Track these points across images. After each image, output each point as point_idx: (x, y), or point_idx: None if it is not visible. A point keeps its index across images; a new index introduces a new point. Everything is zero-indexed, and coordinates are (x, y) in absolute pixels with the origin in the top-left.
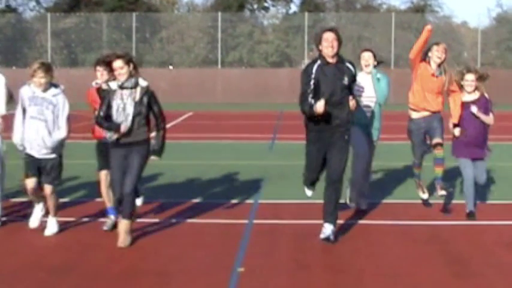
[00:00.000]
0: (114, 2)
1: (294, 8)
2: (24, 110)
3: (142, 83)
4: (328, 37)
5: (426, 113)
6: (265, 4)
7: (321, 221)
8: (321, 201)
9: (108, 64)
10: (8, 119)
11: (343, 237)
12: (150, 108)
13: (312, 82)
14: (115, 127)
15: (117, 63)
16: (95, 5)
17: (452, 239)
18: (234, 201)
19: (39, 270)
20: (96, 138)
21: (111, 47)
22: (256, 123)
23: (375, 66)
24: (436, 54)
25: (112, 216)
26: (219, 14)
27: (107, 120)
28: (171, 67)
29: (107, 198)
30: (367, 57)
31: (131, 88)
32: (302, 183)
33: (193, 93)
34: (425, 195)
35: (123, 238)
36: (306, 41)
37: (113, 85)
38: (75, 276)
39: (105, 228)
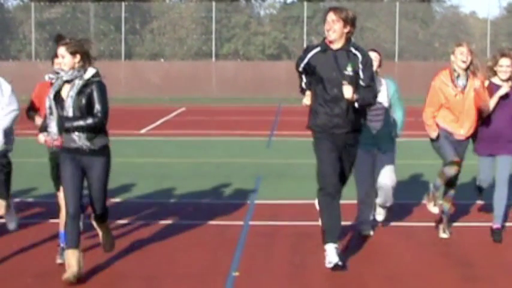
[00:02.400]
0: None
1: None
2: None
3: (88, 74)
4: (328, 18)
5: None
6: None
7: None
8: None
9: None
10: None
11: (344, 239)
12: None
13: (301, 67)
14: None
15: (59, 50)
16: None
17: (459, 240)
18: (229, 201)
19: (25, 276)
20: (48, 147)
21: (98, 39)
22: (252, 119)
23: None
24: (460, 57)
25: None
26: (213, 3)
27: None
28: (162, 60)
29: (63, 223)
30: (373, 58)
31: (70, 81)
32: (322, 241)
33: (186, 88)
34: (436, 209)
35: (108, 243)
36: (305, 33)
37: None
38: (61, 281)
39: (59, 261)
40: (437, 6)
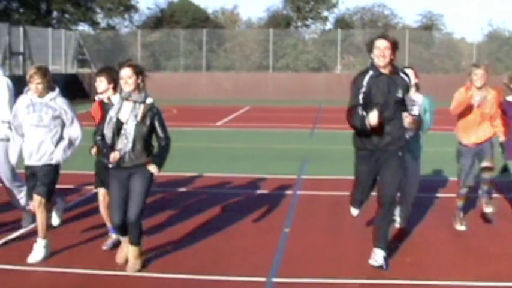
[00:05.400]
0: (189, 20)
1: (329, 25)
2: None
3: (148, 99)
4: (380, 45)
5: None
6: (307, 22)
7: None
8: (353, 177)
9: (109, 73)
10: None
11: (367, 207)
12: (153, 129)
13: (361, 96)
14: (107, 154)
15: (125, 72)
16: (174, 23)
17: (453, 207)
18: (283, 176)
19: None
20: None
21: (186, 56)
22: (299, 116)
23: None
24: (475, 78)
25: (113, 235)
26: (271, 30)
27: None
28: (233, 71)
29: (106, 217)
30: (410, 73)
31: (135, 102)
32: (349, 203)
33: (251, 92)
34: (463, 227)
35: (132, 263)
36: (338, 51)
37: (115, 99)
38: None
39: (104, 247)
40: (437, 33)
